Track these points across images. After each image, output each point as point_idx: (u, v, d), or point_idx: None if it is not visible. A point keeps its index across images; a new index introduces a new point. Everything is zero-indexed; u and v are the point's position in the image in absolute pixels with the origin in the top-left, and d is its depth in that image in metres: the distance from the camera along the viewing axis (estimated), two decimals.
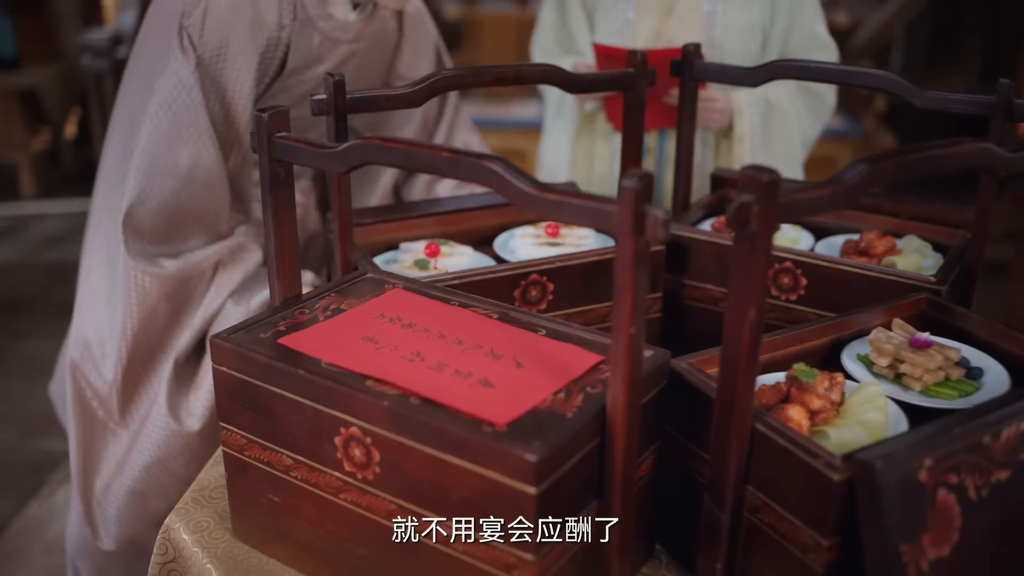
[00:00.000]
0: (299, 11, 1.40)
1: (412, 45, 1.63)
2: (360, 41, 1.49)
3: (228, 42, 1.35)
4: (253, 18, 1.36)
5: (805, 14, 1.83)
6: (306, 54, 1.43)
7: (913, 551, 0.79)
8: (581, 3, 1.89)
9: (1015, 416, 0.86)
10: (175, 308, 1.39)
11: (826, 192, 0.81)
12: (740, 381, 0.82)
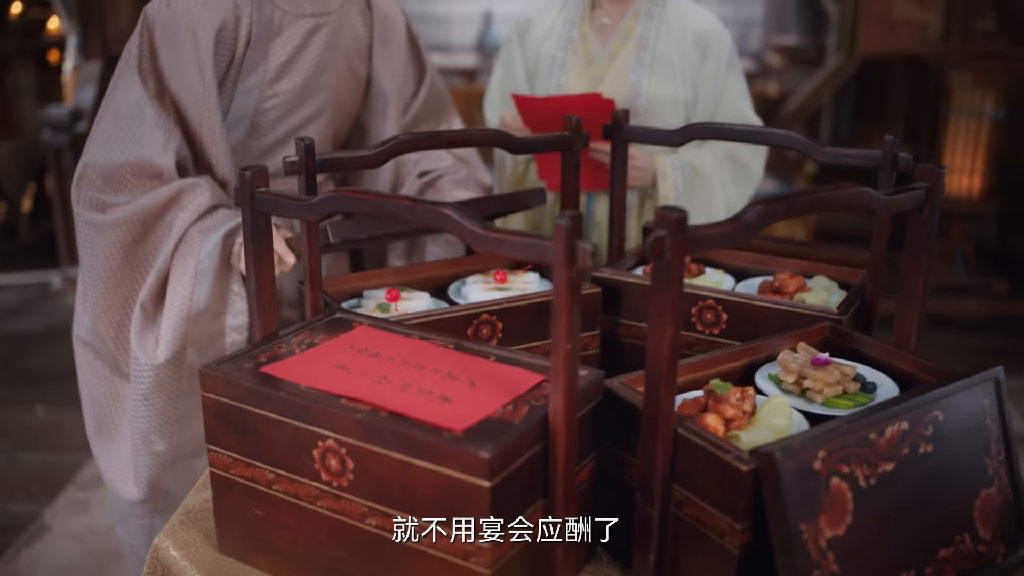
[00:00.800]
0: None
1: (382, 37, 1.80)
2: (321, 16, 1.67)
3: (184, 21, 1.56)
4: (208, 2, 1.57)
5: (730, 93, 1.98)
6: (267, 27, 1.62)
7: (812, 530, 0.93)
8: (523, 66, 2.05)
9: (896, 416, 1.01)
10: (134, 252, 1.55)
11: (727, 228, 0.97)
12: (662, 389, 0.96)
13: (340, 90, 1.75)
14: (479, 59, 6.85)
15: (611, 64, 1.95)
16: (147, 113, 1.55)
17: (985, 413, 1.10)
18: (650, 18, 1.94)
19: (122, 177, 1.55)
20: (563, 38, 1.99)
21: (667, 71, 1.93)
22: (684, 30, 1.93)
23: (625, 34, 1.95)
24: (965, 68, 4.39)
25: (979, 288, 4.56)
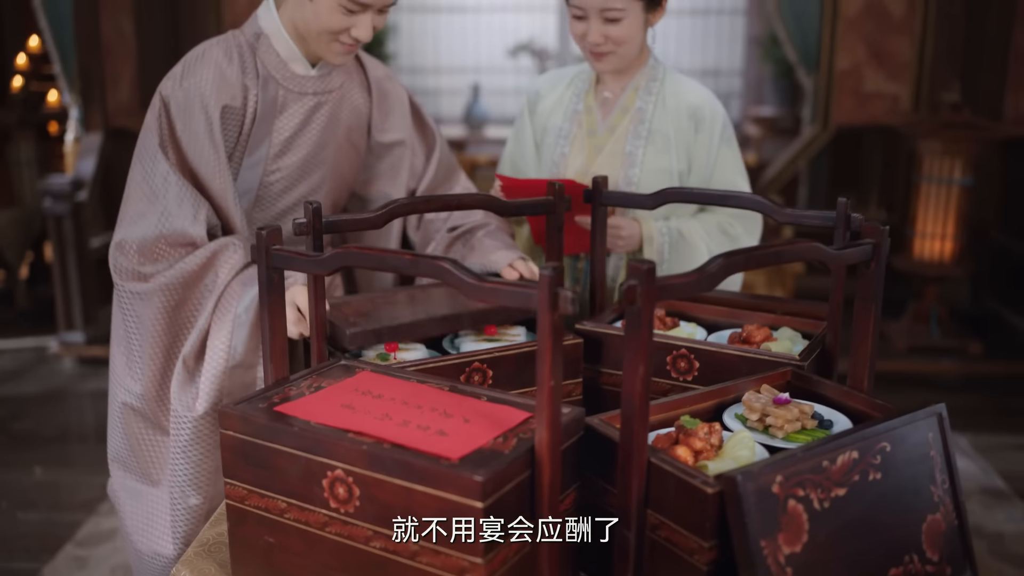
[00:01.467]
0: (260, 69, 1.75)
1: (380, 108, 1.93)
2: (323, 95, 1.81)
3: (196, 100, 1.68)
4: (216, 77, 1.70)
5: (723, 167, 2.07)
6: (271, 105, 1.76)
7: (771, 547, 1.04)
8: (533, 136, 2.16)
9: (847, 446, 1.13)
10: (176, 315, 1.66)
11: (692, 278, 1.09)
12: (636, 422, 1.08)
13: (340, 163, 1.89)
14: (467, 130, 7.05)
15: (610, 136, 2.07)
16: (173, 186, 1.66)
17: (930, 445, 1.22)
18: (648, 93, 2.05)
19: (158, 249, 1.66)
20: (570, 110, 2.11)
21: (662, 143, 2.04)
22: (679, 104, 2.05)
23: (624, 108, 2.07)
24: (933, 137, 4.58)
25: (954, 349, 4.70)
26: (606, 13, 1.89)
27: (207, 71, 1.72)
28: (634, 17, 1.91)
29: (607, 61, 1.97)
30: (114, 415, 1.80)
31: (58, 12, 4.55)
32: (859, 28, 5.42)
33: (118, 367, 1.77)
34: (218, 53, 1.75)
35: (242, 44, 1.77)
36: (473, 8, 8.40)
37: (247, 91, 1.75)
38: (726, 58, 8.17)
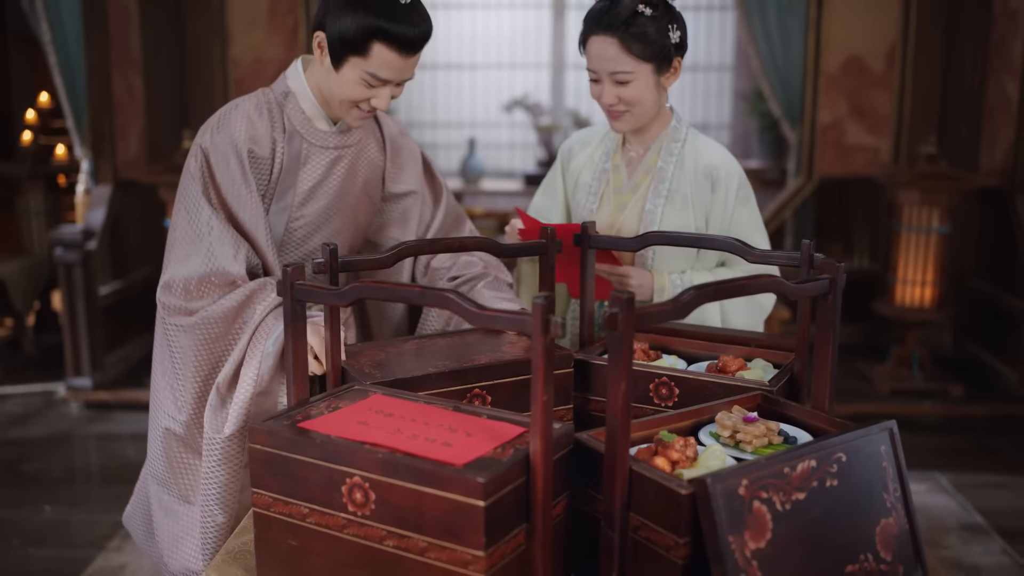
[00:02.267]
0: (287, 124, 1.93)
1: (393, 162, 2.11)
2: (343, 149, 1.99)
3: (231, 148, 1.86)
4: (247, 127, 1.88)
5: (739, 224, 2.16)
6: (296, 157, 1.93)
7: (738, 542, 1.18)
8: (564, 191, 2.30)
9: (806, 455, 1.28)
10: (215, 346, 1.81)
11: (667, 307, 1.25)
12: (619, 433, 1.23)
13: (356, 211, 2.06)
14: (463, 183, 7.25)
15: (633, 194, 2.18)
16: (215, 229, 1.82)
17: (883, 457, 1.37)
18: (670, 153, 2.16)
19: (203, 287, 1.81)
20: (599, 168, 2.23)
21: (680, 202, 2.14)
22: (697, 164, 2.15)
23: (648, 167, 2.18)
24: (911, 188, 4.78)
25: (936, 392, 4.85)
26: (616, 76, 2.02)
27: (240, 122, 1.89)
28: (644, 79, 2.03)
29: (623, 121, 2.10)
30: (156, 438, 1.94)
31: (72, 71, 4.75)
32: (840, 84, 5.65)
33: (162, 395, 1.91)
34: (249, 107, 1.92)
35: (271, 100, 1.95)
36: (469, 65, 8.67)
37: (275, 143, 1.92)
38: (715, 112, 8.42)
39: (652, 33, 2.00)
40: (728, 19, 8.14)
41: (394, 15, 1.77)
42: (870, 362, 5.23)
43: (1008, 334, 4.99)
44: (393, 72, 1.84)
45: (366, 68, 1.82)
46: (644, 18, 1.99)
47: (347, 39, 1.80)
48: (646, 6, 2.00)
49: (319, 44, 1.86)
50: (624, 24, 1.99)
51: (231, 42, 5.63)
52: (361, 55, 1.81)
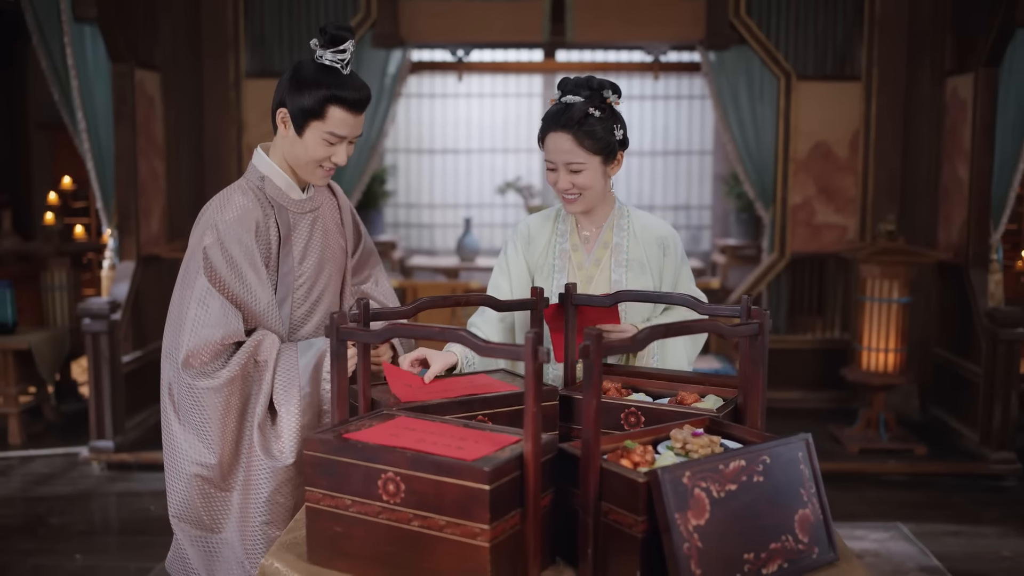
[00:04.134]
0: (273, 200, 2.31)
1: (344, 215, 2.53)
2: (315, 211, 2.40)
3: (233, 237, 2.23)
4: (242, 213, 2.25)
5: (683, 280, 2.60)
6: (287, 226, 2.32)
7: (683, 519, 1.55)
8: (527, 268, 2.62)
9: (736, 456, 1.65)
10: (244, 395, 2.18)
11: (627, 341, 1.63)
12: (592, 438, 1.60)
13: (338, 259, 2.47)
14: (459, 260, 7.67)
15: (597, 267, 2.55)
16: (217, 304, 2.18)
17: (800, 461, 1.74)
18: (621, 229, 2.55)
19: (217, 348, 2.17)
20: (558, 249, 2.59)
21: (639, 268, 2.53)
22: (648, 236, 2.54)
23: (604, 243, 2.56)
24: (872, 262, 5.21)
25: (901, 451, 5.20)
26: (571, 166, 2.42)
27: (234, 211, 2.25)
28: (594, 168, 2.43)
29: (576, 204, 2.49)
30: (180, 483, 2.24)
31: (103, 156, 5.19)
32: (809, 168, 6.13)
33: (189, 448, 2.21)
34: (237, 195, 2.29)
35: (253, 186, 2.32)
36: (464, 150, 9.17)
37: (267, 218, 2.30)
38: (696, 194, 8.90)
39: (600, 131, 2.39)
40: (707, 107, 8.67)
41: (343, 84, 2.20)
42: (841, 424, 5.59)
43: (967, 398, 5.37)
44: (347, 128, 2.24)
45: (325, 128, 2.21)
46: (593, 119, 2.38)
47: (307, 109, 2.20)
48: (595, 109, 2.38)
49: (282, 119, 2.25)
50: (577, 124, 2.37)
51: (246, 130, 6.11)
52: (320, 119, 2.20)
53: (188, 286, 2.22)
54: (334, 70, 2.21)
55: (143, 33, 5.45)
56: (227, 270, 2.20)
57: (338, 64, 2.21)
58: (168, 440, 2.26)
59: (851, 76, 6.11)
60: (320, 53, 2.21)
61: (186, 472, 2.22)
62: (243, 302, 2.22)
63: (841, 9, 6.10)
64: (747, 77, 6.12)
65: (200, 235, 2.24)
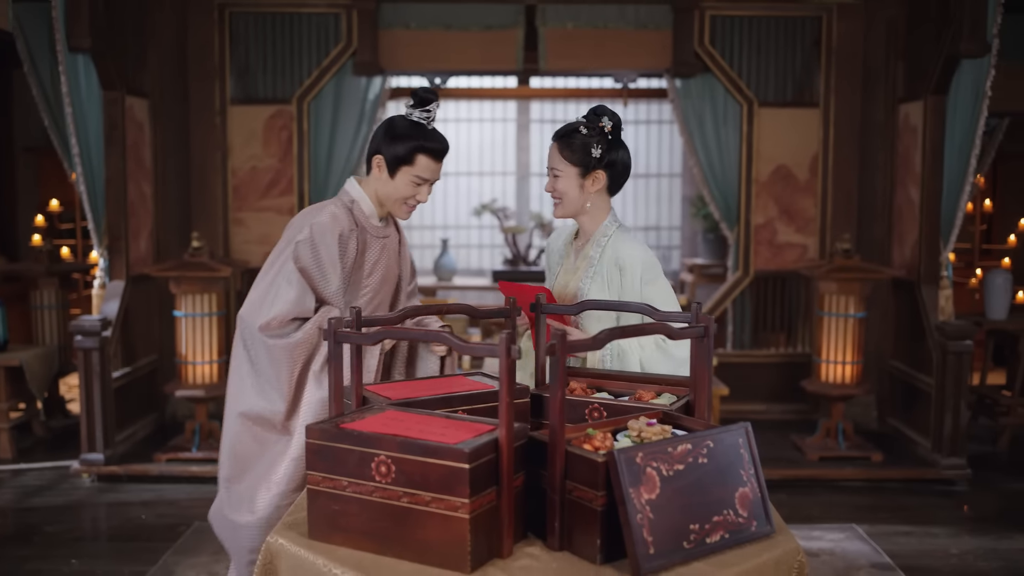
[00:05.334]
0: (358, 222, 2.72)
1: (404, 252, 2.93)
2: (385, 238, 2.79)
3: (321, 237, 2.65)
4: (332, 221, 2.66)
5: (652, 300, 2.74)
6: (364, 244, 2.72)
7: (636, 493, 1.79)
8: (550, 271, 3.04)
9: (683, 441, 1.90)
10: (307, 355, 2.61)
11: (588, 341, 1.88)
12: (558, 425, 1.84)
13: (392, 281, 2.86)
14: (436, 280, 7.90)
15: (573, 274, 2.90)
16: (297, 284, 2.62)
17: (740, 446, 1.99)
18: (599, 246, 2.86)
19: (292, 318, 2.61)
20: (561, 253, 3.01)
21: (601, 283, 2.83)
22: (611, 257, 2.82)
23: (584, 255, 2.89)
24: (829, 279, 5.50)
25: (859, 458, 5.48)
26: (553, 171, 2.81)
27: (327, 217, 2.67)
28: (570, 177, 2.77)
29: (557, 208, 2.86)
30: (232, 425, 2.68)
31: (94, 179, 5.40)
32: (770, 190, 6.43)
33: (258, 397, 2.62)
34: (332, 207, 2.72)
35: (345, 205, 2.74)
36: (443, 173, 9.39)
37: (352, 232, 2.71)
38: (666, 216, 9.20)
39: (578, 145, 2.75)
40: (675, 132, 8.98)
41: (428, 137, 2.67)
42: (803, 434, 5.86)
43: (921, 407, 5.66)
44: (431, 173, 2.70)
45: (414, 172, 2.67)
46: (578, 135, 2.76)
47: (400, 157, 2.66)
48: (585, 128, 2.76)
49: (378, 164, 2.70)
50: (564, 136, 2.78)
51: (231, 154, 6.34)
52: (410, 164, 2.66)
53: (279, 267, 2.66)
54: (421, 125, 2.67)
55: (133, 62, 5.67)
56: (312, 261, 2.64)
57: (424, 120, 2.67)
58: (238, 390, 2.68)
59: (810, 103, 6.43)
60: (410, 111, 2.68)
61: (235, 412, 2.68)
62: (318, 288, 2.66)
63: (800, 40, 6.42)
64: (712, 104, 6.42)
65: (296, 230, 2.69)
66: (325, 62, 6.29)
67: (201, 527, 4.54)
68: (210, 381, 5.42)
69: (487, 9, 6.25)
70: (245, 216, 6.37)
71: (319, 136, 6.40)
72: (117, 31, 5.42)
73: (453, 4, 6.24)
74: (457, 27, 6.26)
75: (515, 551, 1.89)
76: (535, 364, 2.49)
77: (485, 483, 1.82)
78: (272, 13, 6.30)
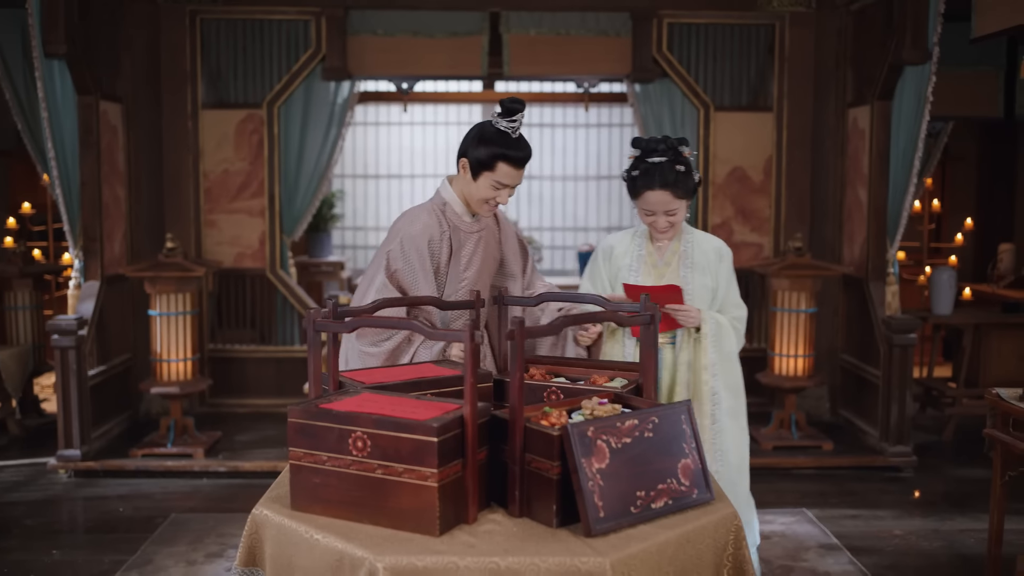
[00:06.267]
0: (450, 222, 2.94)
1: (505, 239, 3.14)
2: (479, 233, 3.01)
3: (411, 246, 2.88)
4: (424, 229, 2.88)
5: (732, 287, 3.33)
6: (458, 242, 2.93)
7: (588, 463, 2.00)
8: (607, 275, 3.37)
9: (631, 417, 2.10)
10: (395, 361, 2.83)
11: (545, 328, 2.09)
12: (517, 403, 2.04)
13: (490, 268, 3.08)
14: None
15: (667, 267, 3.32)
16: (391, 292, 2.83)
17: (682, 422, 2.20)
18: (687, 242, 3.32)
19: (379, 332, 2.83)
20: (636, 256, 3.35)
21: (702, 270, 3.29)
22: (708, 245, 3.32)
23: (674, 251, 3.32)
24: (781, 276, 5.75)
25: (811, 447, 5.73)
26: (669, 212, 3.17)
27: (417, 227, 2.91)
28: (683, 209, 3.20)
29: (669, 233, 3.26)
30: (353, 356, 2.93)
31: (69, 182, 5.53)
32: (727, 191, 6.67)
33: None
34: (424, 215, 2.94)
35: (437, 208, 2.97)
36: (408, 175, 9.60)
37: (443, 235, 2.93)
38: (626, 216, 9.43)
39: (687, 184, 3.15)
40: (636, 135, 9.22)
41: (510, 146, 2.83)
42: (759, 425, 6.11)
43: (870, 398, 5.92)
44: (510, 179, 2.87)
45: (494, 178, 2.85)
46: (681, 175, 3.13)
47: (482, 161, 2.85)
48: (679, 165, 3.12)
49: (463, 166, 2.90)
50: (672, 184, 3.12)
51: (202, 157, 6.49)
52: (491, 170, 2.85)
53: (371, 277, 2.93)
54: (506, 134, 2.83)
55: (107, 67, 5.81)
56: (402, 270, 2.89)
57: (509, 130, 2.83)
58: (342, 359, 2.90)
59: (764, 107, 6.68)
60: (497, 120, 2.84)
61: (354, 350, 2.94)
62: (410, 293, 2.87)
63: (754, 47, 6.67)
64: (670, 108, 6.66)
65: (389, 240, 2.95)
66: (295, 67, 6.46)
67: (178, 519, 4.70)
68: (184, 378, 5.57)
69: (453, 16, 6.45)
70: (217, 218, 6.52)
71: (289, 139, 6.56)
72: (91, 38, 5.56)
73: (420, 11, 6.43)
74: (424, 34, 6.45)
75: (480, 518, 2.09)
76: (495, 354, 2.70)
77: (452, 455, 2.01)
78: (243, 20, 6.46)
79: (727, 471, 3.31)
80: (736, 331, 3.31)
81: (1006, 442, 3.68)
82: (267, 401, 6.53)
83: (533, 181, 9.51)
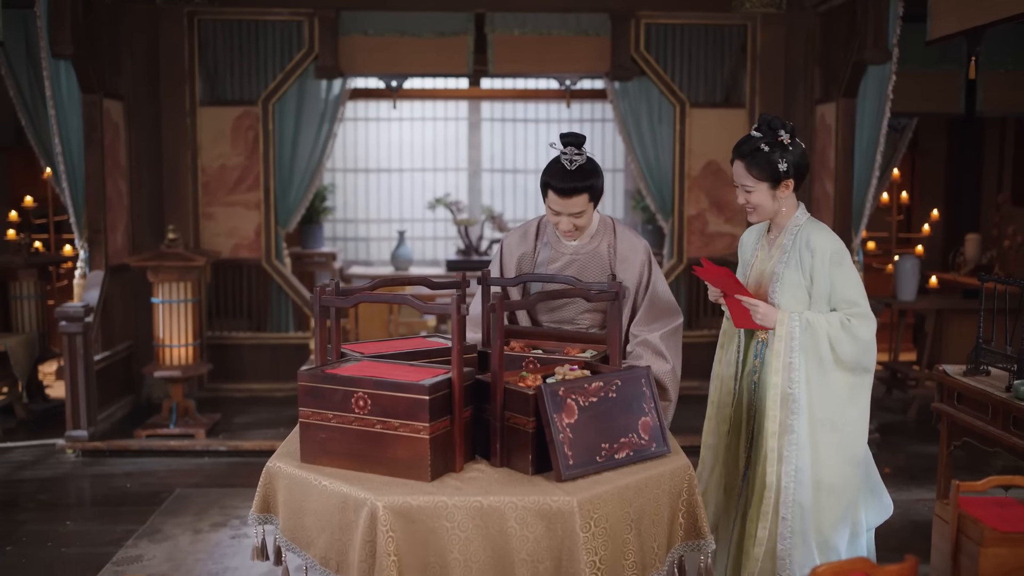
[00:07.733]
0: (546, 238, 3.13)
1: (622, 261, 3.11)
2: (576, 255, 3.09)
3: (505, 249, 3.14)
4: (519, 239, 3.13)
5: (838, 281, 2.90)
6: (548, 257, 3.10)
7: (559, 418, 2.31)
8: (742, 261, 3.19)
9: (597, 380, 2.42)
10: None
11: (524, 303, 2.40)
12: (498, 368, 2.36)
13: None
14: (393, 270, 8.38)
15: (769, 260, 3.12)
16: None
17: (643, 385, 2.52)
18: (791, 235, 3.06)
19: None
20: (755, 246, 3.18)
21: (794, 265, 2.94)
22: (803, 242, 2.95)
23: (779, 245, 3.11)
24: None
25: None
26: (743, 187, 2.96)
27: (513, 237, 3.18)
28: (762, 192, 2.93)
29: (752, 216, 3.02)
30: None
31: (75, 177, 5.81)
32: (701, 183, 6.99)
33: None
34: (528, 227, 3.19)
35: (540, 224, 3.16)
36: (398, 169, 9.90)
37: (535, 252, 3.13)
38: (609, 208, 9.75)
39: (764, 163, 2.89)
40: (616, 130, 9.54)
41: (555, 174, 2.93)
42: None
43: None
44: (558, 206, 2.95)
45: (548, 204, 2.97)
46: (762, 152, 2.89)
47: (541, 188, 2.98)
48: (766, 145, 2.88)
49: None
50: (749, 155, 2.92)
51: (200, 152, 6.77)
52: (545, 197, 2.98)
53: None
54: (559, 165, 2.93)
55: (109, 67, 6.09)
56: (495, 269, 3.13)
57: (565, 162, 2.93)
58: None
59: (737, 104, 7.01)
60: (559, 151, 2.95)
61: None
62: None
63: (727, 47, 7.00)
64: (647, 104, 6.97)
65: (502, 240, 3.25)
66: (289, 66, 6.75)
67: (183, 493, 5.00)
68: (186, 362, 5.86)
69: (440, 17, 6.74)
70: (215, 210, 6.81)
71: (283, 135, 6.86)
72: (95, 39, 5.83)
73: (408, 13, 6.73)
74: (412, 33, 6.75)
75: (465, 467, 2.40)
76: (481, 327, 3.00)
77: (441, 412, 2.32)
78: (239, 21, 6.74)
79: (801, 490, 2.90)
80: (847, 330, 2.89)
81: (951, 414, 4.02)
82: (263, 385, 6.84)
83: (517, 175, 9.82)
